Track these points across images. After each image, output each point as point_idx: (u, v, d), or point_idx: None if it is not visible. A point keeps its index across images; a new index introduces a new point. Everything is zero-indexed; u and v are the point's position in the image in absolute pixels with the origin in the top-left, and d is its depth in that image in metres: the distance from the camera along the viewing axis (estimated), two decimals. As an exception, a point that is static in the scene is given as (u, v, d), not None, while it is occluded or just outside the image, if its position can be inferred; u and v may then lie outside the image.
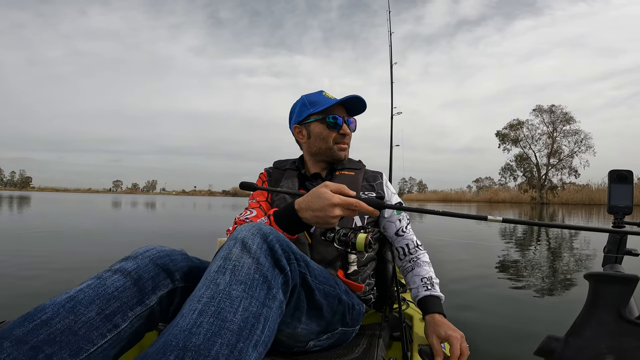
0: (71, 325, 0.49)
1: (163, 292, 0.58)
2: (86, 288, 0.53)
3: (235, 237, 0.54)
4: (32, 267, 2.80)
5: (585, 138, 27.57)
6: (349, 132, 0.95)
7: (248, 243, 0.53)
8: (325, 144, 0.93)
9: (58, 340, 0.48)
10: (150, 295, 0.56)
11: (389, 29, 3.88)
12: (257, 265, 0.51)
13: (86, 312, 0.51)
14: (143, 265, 0.57)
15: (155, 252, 0.60)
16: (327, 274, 0.70)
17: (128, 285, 0.55)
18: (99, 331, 0.51)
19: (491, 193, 35.86)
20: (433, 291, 0.87)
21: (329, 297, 0.67)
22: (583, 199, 25.80)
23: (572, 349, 0.38)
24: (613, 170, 0.61)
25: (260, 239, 0.54)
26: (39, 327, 0.48)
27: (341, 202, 0.64)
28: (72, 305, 0.51)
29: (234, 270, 0.50)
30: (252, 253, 0.52)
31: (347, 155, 0.98)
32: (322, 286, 0.65)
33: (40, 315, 0.49)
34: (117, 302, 0.53)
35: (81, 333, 0.49)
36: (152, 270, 0.57)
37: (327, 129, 0.92)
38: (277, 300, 0.52)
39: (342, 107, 0.94)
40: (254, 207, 0.92)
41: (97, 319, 0.51)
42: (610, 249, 0.58)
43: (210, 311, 0.45)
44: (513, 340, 1.54)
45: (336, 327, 0.74)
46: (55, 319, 0.49)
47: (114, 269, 0.56)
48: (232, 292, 0.48)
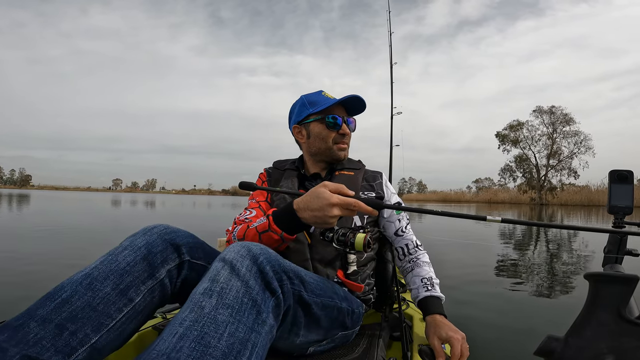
0: (90, 301, 0.52)
1: (171, 266, 0.60)
2: (100, 265, 0.55)
3: (224, 258, 0.52)
4: (28, 268, 2.79)
5: (585, 139, 27.65)
6: (349, 132, 0.95)
7: (237, 265, 0.50)
8: (325, 144, 0.93)
9: (80, 317, 0.50)
10: (160, 268, 0.58)
11: (389, 29, 3.90)
12: (246, 288, 0.49)
13: (102, 287, 0.53)
14: (152, 240, 0.59)
15: (163, 229, 0.62)
16: (324, 284, 0.69)
17: (138, 260, 0.57)
18: (116, 306, 0.53)
19: (491, 194, 35.89)
20: (433, 292, 0.87)
21: (327, 308, 0.67)
22: (582, 200, 25.85)
23: (572, 349, 0.38)
24: (613, 170, 0.61)
25: (250, 260, 0.52)
26: (61, 306, 0.50)
27: (340, 202, 0.64)
28: (88, 282, 0.53)
29: (222, 293, 0.47)
30: (241, 276, 0.50)
31: (347, 155, 0.98)
32: (319, 299, 0.64)
33: (60, 294, 0.51)
34: (130, 276, 0.55)
35: (100, 308, 0.52)
36: (160, 245, 0.59)
37: (326, 129, 0.92)
38: (267, 325, 0.50)
39: (341, 107, 0.94)
40: (253, 207, 0.92)
41: (113, 294, 0.53)
42: (610, 249, 0.58)
43: (192, 335, 0.43)
44: (513, 340, 1.54)
45: (336, 333, 0.73)
46: (74, 297, 0.51)
47: (124, 245, 0.58)
48: (218, 317, 0.45)
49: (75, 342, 0.49)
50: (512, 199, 31.20)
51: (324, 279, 0.72)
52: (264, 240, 0.73)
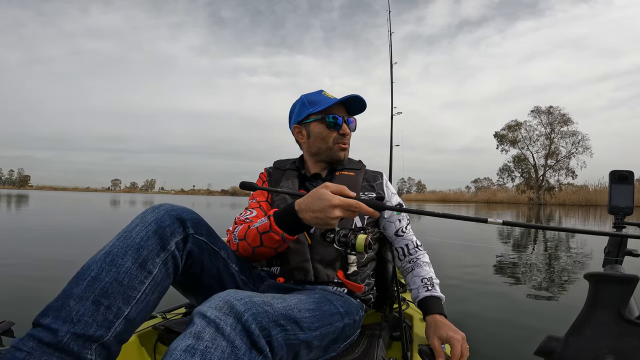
0: (116, 276, 0.55)
1: (178, 239, 0.63)
2: (117, 242, 0.59)
3: (205, 314, 0.48)
4: (25, 268, 2.78)
5: (583, 139, 27.76)
6: (349, 131, 0.95)
7: (220, 324, 0.47)
8: (325, 144, 0.93)
9: (110, 292, 0.54)
10: (170, 241, 0.62)
11: (389, 29, 3.90)
12: (232, 348, 0.46)
13: (123, 262, 0.56)
14: (160, 216, 0.62)
15: (169, 206, 0.66)
16: (321, 310, 0.67)
17: (150, 234, 0.60)
18: (138, 279, 0.57)
19: (489, 194, 35.95)
20: (433, 292, 0.87)
21: (327, 336, 0.66)
22: (580, 200, 25.94)
23: (572, 349, 0.38)
24: (614, 170, 0.61)
25: (234, 319, 0.48)
26: (92, 283, 0.54)
27: (341, 203, 0.64)
28: (110, 259, 0.56)
29: (205, 352, 0.44)
30: (227, 335, 0.46)
31: (347, 155, 0.98)
32: (318, 331, 0.63)
33: (88, 272, 0.55)
34: (145, 250, 0.58)
35: (125, 282, 0.55)
36: (167, 220, 0.63)
37: (326, 129, 0.92)
38: None
39: (342, 107, 0.94)
40: (254, 207, 0.92)
41: (134, 267, 0.57)
42: (610, 250, 0.58)
43: None
44: (513, 340, 1.55)
45: (336, 349, 0.73)
46: (102, 273, 0.55)
47: (135, 222, 0.62)
48: None
49: (111, 316, 0.53)
50: (511, 199, 31.28)
51: (320, 302, 0.69)
52: (265, 240, 0.73)
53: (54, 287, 2.14)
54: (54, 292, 0.54)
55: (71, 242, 4.17)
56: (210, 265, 0.70)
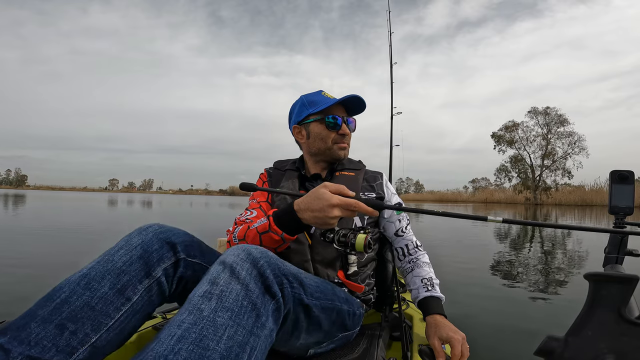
0: (88, 301, 0.52)
1: (167, 264, 0.60)
2: (96, 265, 0.56)
3: (224, 261, 0.52)
4: (24, 268, 2.77)
5: (579, 140, 27.95)
6: (349, 132, 0.95)
7: (237, 268, 0.50)
8: (325, 144, 0.93)
9: (79, 316, 0.51)
10: (156, 267, 0.59)
11: (389, 29, 3.91)
12: (246, 291, 0.49)
13: (100, 287, 0.53)
14: (147, 239, 0.59)
15: (157, 228, 0.62)
16: (325, 286, 0.69)
17: (134, 259, 0.57)
18: (114, 305, 0.54)
19: (487, 194, 36.07)
20: (433, 292, 0.87)
21: (328, 310, 0.67)
22: (576, 200, 26.11)
23: (572, 349, 0.38)
24: (614, 170, 0.61)
25: (250, 264, 0.51)
26: (61, 306, 0.51)
27: (340, 203, 0.64)
28: (86, 282, 0.53)
29: (221, 296, 0.47)
30: (241, 279, 0.49)
31: (347, 155, 0.98)
32: (319, 302, 0.64)
33: (59, 294, 0.52)
34: (127, 275, 0.56)
35: (98, 308, 0.52)
36: (155, 244, 0.60)
37: (326, 129, 0.92)
38: (267, 329, 0.50)
39: (341, 107, 0.94)
40: (254, 208, 0.92)
41: (111, 293, 0.54)
42: (611, 250, 0.58)
43: (190, 338, 0.43)
44: (513, 340, 1.55)
45: (336, 334, 0.74)
46: (73, 297, 0.52)
47: (119, 245, 0.59)
48: (217, 319, 0.45)
49: (75, 342, 0.50)
50: (508, 198, 31.42)
51: (324, 281, 0.72)
52: (264, 240, 0.73)
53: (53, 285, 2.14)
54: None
55: (71, 242, 4.14)
56: None
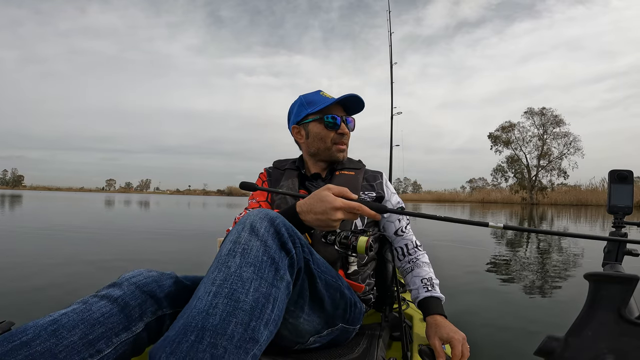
0: (52, 348, 0.48)
1: (151, 319, 0.58)
2: (71, 312, 0.52)
3: (244, 221, 0.56)
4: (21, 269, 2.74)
5: (574, 140, 28.17)
6: (348, 131, 0.95)
7: (256, 226, 0.54)
8: (324, 143, 0.93)
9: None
10: (137, 322, 0.56)
11: (389, 29, 3.92)
12: (265, 247, 0.53)
13: (68, 335, 0.50)
14: (129, 292, 0.57)
15: (142, 278, 0.60)
16: (330, 267, 0.71)
17: (115, 312, 0.54)
18: (80, 355, 0.50)
19: (484, 194, 36.23)
20: (433, 292, 0.87)
21: (331, 288, 0.68)
22: (571, 199, 26.33)
23: (572, 349, 0.38)
24: (613, 170, 0.62)
25: (268, 222, 0.56)
26: (19, 348, 0.47)
27: (343, 206, 0.64)
28: (54, 328, 0.50)
29: (244, 252, 0.52)
30: (260, 236, 0.54)
31: (346, 156, 0.98)
32: (324, 275, 0.66)
33: (20, 336, 0.48)
34: (102, 327, 0.53)
35: (62, 356, 0.48)
36: (138, 297, 0.57)
37: (325, 129, 0.92)
38: (285, 281, 0.54)
39: (340, 107, 0.94)
40: (253, 207, 0.91)
41: (80, 343, 0.50)
42: (610, 250, 0.58)
43: (224, 293, 0.47)
44: (513, 340, 1.56)
45: (337, 322, 0.74)
46: (36, 341, 0.48)
47: (100, 295, 0.56)
48: (243, 274, 0.49)
49: None
50: (504, 198, 31.58)
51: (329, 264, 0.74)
52: None
53: (52, 287, 2.11)
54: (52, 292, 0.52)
55: (71, 242, 4.11)
56: None
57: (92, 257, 3.26)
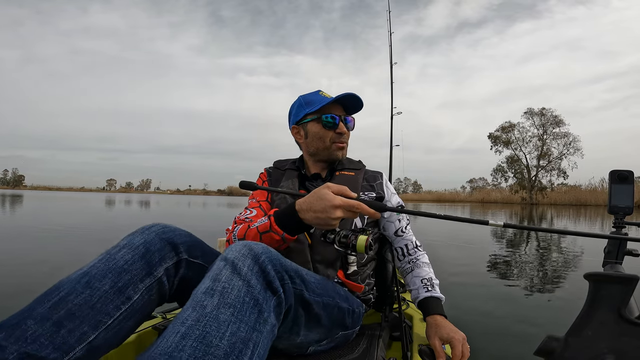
0: (88, 299, 0.52)
1: (169, 264, 0.60)
2: (98, 263, 0.56)
3: (225, 257, 0.52)
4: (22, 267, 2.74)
5: (574, 141, 28.20)
6: (346, 130, 0.94)
7: (238, 265, 0.50)
8: (323, 143, 0.92)
9: (77, 314, 0.51)
10: (157, 267, 0.58)
11: (389, 29, 3.92)
12: (248, 287, 0.49)
13: (100, 286, 0.53)
14: (149, 239, 0.59)
15: (160, 228, 0.62)
16: (325, 284, 0.69)
17: (136, 258, 0.57)
18: (114, 304, 0.53)
19: (484, 194, 36.24)
20: (433, 292, 0.87)
21: (328, 307, 0.67)
22: (570, 199, 26.37)
23: (572, 349, 0.38)
24: (614, 170, 0.62)
25: (252, 260, 0.51)
26: (58, 304, 0.50)
27: (343, 204, 0.63)
28: (86, 280, 0.53)
29: (223, 292, 0.47)
30: (243, 275, 0.49)
31: (345, 155, 0.97)
32: (320, 298, 0.64)
33: (57, 292, 0.52)
34: (128, 274, 0.55)
35: (98, 306, 0.52)
36: (158, 244, 0.60)
37: (323, 129, 0.91)
38: (269, 325, 0.50)
39: (339, 106, 0.94)
40: (254, 207, 0.91)
41: (111, 292, 0.53)
42: (610, 250, 0.59)
43: (194, 335, 0.43)
44: (513, 340, 1.56)
45: (336, 332, 0.74)
46: (72, 295, 0.51)
47: (122, 244, 0.59)
48: (220, 316, 0.45)
49: (72, 340, 0.50)
50: (504, 198, 31.61)
51: (325, 279, 0.72)
52: (264, 240, 0.73)
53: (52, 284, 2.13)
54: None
55: (70, 242, 4.11)
56: None
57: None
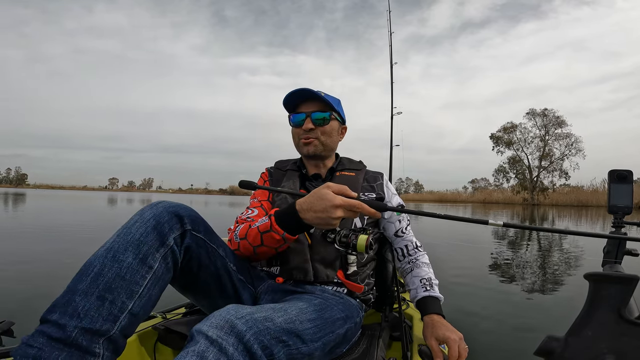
0: (118, 271, 0.56)
1: (176, 234, 0.64)
2: (117, 238, 0.59)
3: (206, 334, 0.48)
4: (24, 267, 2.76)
5: (576, 141, 28.08)
6: (314, 126, 0.89)
7: (223, 345, 0.47)
8: (296, 142, 0.95)
9: (114, 286, 0.55)
10: (168, 237, 0.62)
11: (389, 29, 3.93)
12: None
13: (125, 258, 0.57)
14: (158, 212, 0.63)
15: (167, 203, 0.67)
16: (323, 319, 0.67)
17: (149, 230, 0.61)
18: (140, 274, 0.57)
19: (485, 194, 36.15)
20: (432, 292, 0.87)
21: (330, 343, 0.67)
22: (572, 200, 26.29)
23: (572, 349, 0.38)
24: (613, 170, 0.61)
25: (235, 338, 0.49)
26: (96, 279, 0.55)
27: (343, 204, 0.64)
28: (112, 254, 0.57)
29: None
30: (230, 355, 0.47)
31: (318, 151, 0.92)
32: (320, 342, 0.63)
33: (91, 268, 0.56)
34: (145, 246, 0.59)
35: (128, 277, 0.56)
36: (166, 216, 0.63)
37: (294, 129, 0.94)
38: None
39: (310, 102, 0.90)
40: (255, 207, 0.92)
41: (135, 263, 0.57)
42: (610, 250, 0.58)
43: None
44: (513, 340, 1.55)
45: (340, 349, 0.74)
46: (105, 269, 0.56)
47: (134, 219, 0.62)
48: None
49: (116, 310, 0.54)
50: (506, 199, 31.53)
51: (321, 307, 0.70)
52: (265, 240, 0.73)
53: (53, 285, 2.12)
54: (53, 290, 0.53)
55: (70, 242, 4.13)
56: (208, 262, 0.70)
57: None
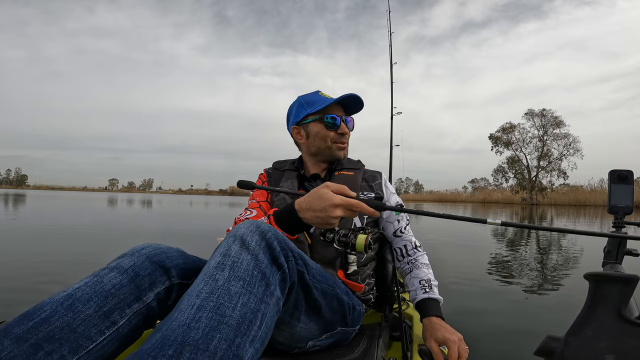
0: (70, 322, 0.50)
1: (160, 289, 0.59)
2: (84, 286, 0.54)
3: (234, 234, 0.54)
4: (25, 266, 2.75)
5: (574, 141, 28.15)
6: (347, 131, 0.95)
7: (247, 240, 0.53)
8: (325, 143, 0.93)
9: (57, 337, 0.48)
10: (147, 292, 0.57)
11: (389, 29, 3.93)
12: (256, 261, 0.51)
13: (84, 309, 0.51)
14: (139, 262, 0.58)
15: (151, 250, 0.61)
16: (326, 274, 0.70)
17: (125, 282, 0.56)
18: (97, 328, 0.51)
19: (485, 194, 36.19)
20: (431, 294, 0.87)
21: (327, 295, 0.68)
22: (570, 200, 26.36)
23: (572, 349, 0.38)
24: (613, 170, 0.61)
25: (259, 236, 0.54)
26: (39, 325, 0.48)
27: (342, 203, 0.64)
28: (70, 303, 0.51)
29: (233, 266, 0.50)
30: (251, 250, 0.52)
31: (347, 155, 0.98)
32: (319, 285, 0.65)
33: (39, 313, 0.50)
34: (115, 299, 0.54)
35: (80, 330, 0.50)
36: (148, 267, 0.58)
37: (325, 129, 0.92)
38: (275, 297, 0.52)
39: (339, 107, 0.95)
40: (254, 207, 0.92)
41: (95, 316, 0.52)
42: (610, 250, 0.58)
43: (209, 306, 0.45)
44: (513, 340, 1.55)
45: (335, 327, 0.74)
46: (54, 317, 0.49)
47: (110, 267, 0.58)
48: (231, 288, 0.48)
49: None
50: (505, 199, 31.59)
51: (326, 271, 0.73)
52: None
53: (53, 285, 2.12)
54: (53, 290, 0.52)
55: (70, 241, 4.13)
56: None
57: (93, 257, 3.27)
